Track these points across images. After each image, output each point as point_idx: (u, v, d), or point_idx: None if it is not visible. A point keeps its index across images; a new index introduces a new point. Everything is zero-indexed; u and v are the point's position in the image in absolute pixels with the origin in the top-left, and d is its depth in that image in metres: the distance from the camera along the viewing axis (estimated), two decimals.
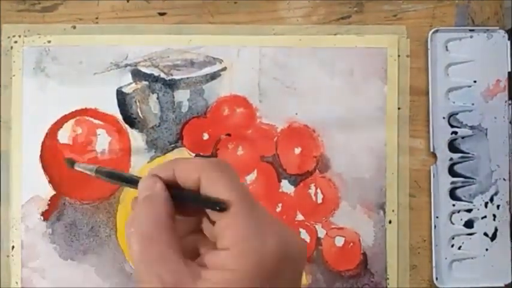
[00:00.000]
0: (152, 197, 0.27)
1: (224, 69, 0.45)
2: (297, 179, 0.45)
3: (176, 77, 0.45)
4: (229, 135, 0.45)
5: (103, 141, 0.45)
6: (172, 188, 0.28)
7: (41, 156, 0.45)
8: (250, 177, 0.45)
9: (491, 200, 0.45)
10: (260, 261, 0.24)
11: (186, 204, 0.28)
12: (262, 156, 0.45)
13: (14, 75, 0.45)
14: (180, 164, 0.28)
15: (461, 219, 0.45)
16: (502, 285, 0.45)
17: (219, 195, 0.26)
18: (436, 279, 0.44)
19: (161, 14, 0.46)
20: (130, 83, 0.45)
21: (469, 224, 0.45)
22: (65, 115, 0.45)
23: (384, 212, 0.45)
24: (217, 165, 0.27)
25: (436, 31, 0.45)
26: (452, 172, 0.45)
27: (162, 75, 0.45)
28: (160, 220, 0.26)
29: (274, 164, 0.45)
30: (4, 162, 0.45)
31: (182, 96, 0.45)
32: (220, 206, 0.25)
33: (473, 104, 0.45)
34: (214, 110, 0.45)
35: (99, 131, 0.45)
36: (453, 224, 0.45)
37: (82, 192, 0.45)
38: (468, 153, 0.45)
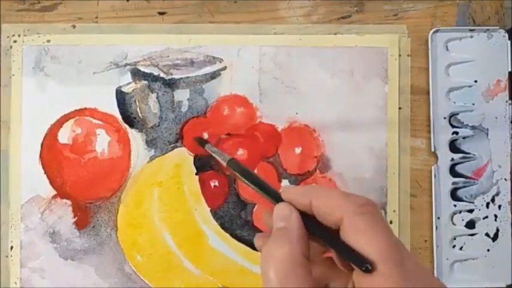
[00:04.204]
0: (288, 232, 0.26)
1: (224, 68, 0.45)
2: (298, 179, 0.45)
3: (176, 77, 0.45)
4: (229, 135, 0.45)
5: (102, 141, 0.45)
6: (309, 220, 0.26)
7: (41, 156, 0.45)
8: None
9: (493, 200, 0.45)
10: None
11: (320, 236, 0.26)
12: (263, 156, 0.45)
13: (13, 75, 0.45)
14: (320, 195, 0.26)
15: (462, 220, 0.45)
16: (504, 285, 0.44)
17: (365, 250, 0.24)
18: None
19: (161, 14, 0.46)
20: (130, 83, 0.45)
21: (470, 224, 0.45)
22: (65, 115, 0.45)
23: (385, 212, 0.44)
24: (366, 210, 0.25)
25: (437, 31, 0.45)
26: (453, 172, 0.45)
27: (162, 74, 0.45)
28: (295, 259, 0.25)
29: (274, 164, 0.45)
30: (3, 162, 0.45)
31: (182, 95, 0.45)
32: (366, 267, 0.23)
33: (473, 104, 0.45)
34: (214, 109, 0.45)
35: (99, 130, 0.45)
36: (454, 224, 0.45)
37: (83, 192, 0.45)
38: (469, 153, 0.45)
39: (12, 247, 0.44)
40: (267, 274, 0.25)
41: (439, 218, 0.45)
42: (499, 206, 0.45)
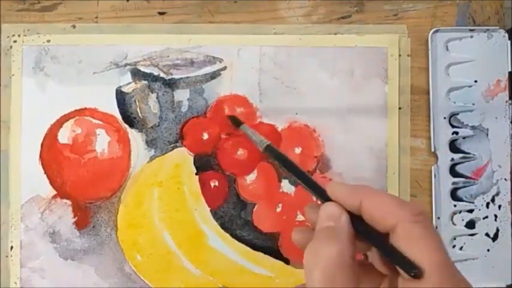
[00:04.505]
0: (337, 231, 0.26)
1: (224, 68, 0.45)
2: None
3: (176, 77, 0.45)
4: (229, 135, 0.45)
5: (102, 141, 0.45)
6: (356, 220, 0.26)
7: (41, 156, 0.45)
8: (250, 177, 0.45)
9: (493, 200, 0.45)
10: None
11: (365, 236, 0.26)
12: (263, 156, 0.45)
13: (13, 75, 0.45)
14: (372, 198, 0.26)
15: (462, 220, 0.45)
16: (504, 285, 0.44)
17: (417, 258, 0.24)
18: None
19: (161, 14, 0.46)
20: (130, 83, 0.45)
21: (470, 224, 0.45)
22: (65, 115, 0.45)
23: None
24: (420, 219, 0.25)
25: (437, 31, 0.45)
26: (453, 172, 0.45)
27: (162, 74, 0.45)
28: (343, 260, 0.25)
29: (274, 164, 0.45)
30: (3, 162, 0.45)
31: (182, 95, 0.45)
32: (415, 273, 0.23)
33: (473, 104, 0.45)
34: (214, 109, 0.45)
35: (99, 130, 0.45)
36: (454, 224, 0.45)
37: (83, 192, 0.45)
38: (469, 153, 0.45)
39: (12, 247, 0.44)
40: (311, 273, 0.25)
41: (439, 218, 0.45)
42: (499, 206, 0.45)
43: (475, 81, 0.45)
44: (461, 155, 0.45)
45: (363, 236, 0.26)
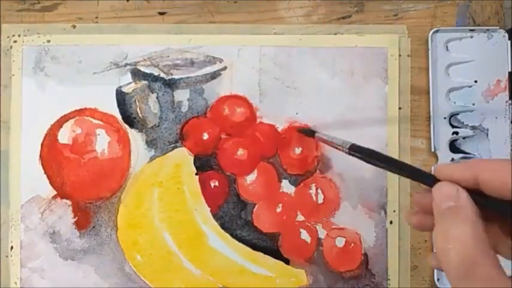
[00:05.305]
0: (462, 210, 0.25)
1: (224, 68, 0.45)
2: (298, 179, 0.45)
3: (176, 77, 0.45)
4: (229, 135, 0.45)
5: (102, 141, 0.45)
6: (473, 194, 0.25)
7: (41, 156, 0.45)
8: (251, 177, 0.45)
9: None
10: None
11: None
12: (263, 156, 0.45)
13: (13, 75, 0.45)
14: (489, 169, 0.25)
15: None
16: None
17: None
18: (437, 280, 0.44)
19: (161, 14, 0.46)
20: (130, 83, 0.45)
21: None
22: (65, 115, 0.45)
23: (385, 212, 0.44)
24: None
25: (437, 31, 0.45)
26: None
27: (162, 74, 0.45)
28: (479, 236, 0.24)
29: (274, 164, 0.45)
30: (3, 162, 0.45)
31: (182, 95, 0.45)
32: None
33: (474, 104, 0.45)
34: (214, 109, 0.45)
35: (99, 130, 0.45)
36: None
37: (83, 192, 0.45)
38: (469, 153, 0.45)
39: (12, 247, 0.44)
40: (448, 257, 0.24)
41: None
42: None
43: (475, 82, 0.45)
44: (461, 155, 0.45)
45: (487, 207, 0.25)
